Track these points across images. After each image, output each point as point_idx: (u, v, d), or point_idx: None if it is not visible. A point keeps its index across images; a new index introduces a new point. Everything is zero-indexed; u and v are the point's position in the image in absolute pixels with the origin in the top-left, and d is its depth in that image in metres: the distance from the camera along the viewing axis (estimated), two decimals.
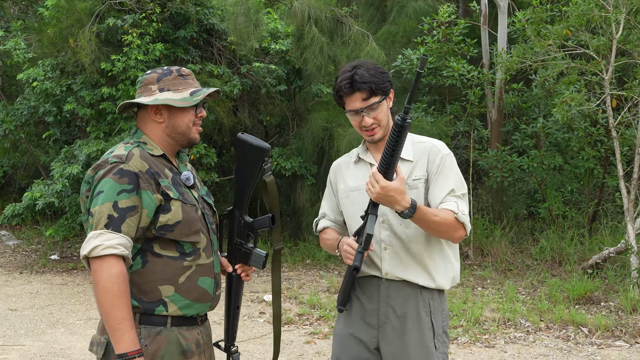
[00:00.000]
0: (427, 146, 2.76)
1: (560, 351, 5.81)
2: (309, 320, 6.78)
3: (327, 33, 9.16)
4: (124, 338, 2.21)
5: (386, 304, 2.71)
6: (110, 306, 2.22)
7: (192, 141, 2.49)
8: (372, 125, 2.68)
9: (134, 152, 2.36)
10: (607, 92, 7.65)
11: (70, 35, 8.63)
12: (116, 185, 2.27)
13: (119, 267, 2.22)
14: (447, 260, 2.76)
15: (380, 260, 2.71)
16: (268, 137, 11.31)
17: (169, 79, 2.43)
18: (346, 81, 2.66)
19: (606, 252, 7.98)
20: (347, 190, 2.81)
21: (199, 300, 2.42)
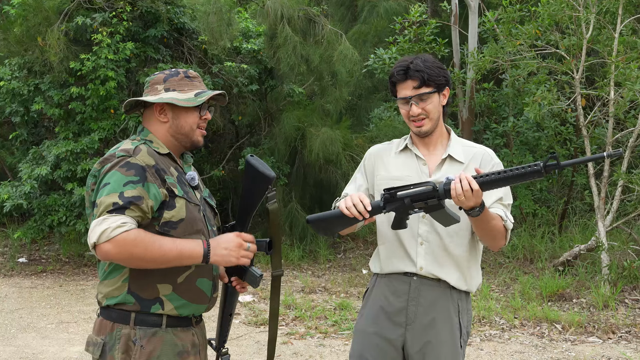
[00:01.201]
0: (479, 151, 2.77)
1: (536, 348, 5.86)
2: (285, 321, 6.75)
3: (300, 32, 9.13)
4: (189, 248, 2.27)
5: (416, 302, 2.69)
6: (157, 252, 2.23)
7: (195, 143, 2.49)
8: (420, 115, 2.67)
9: (141, 147, 2.36)
10: (577, 92, 7.75)
11: (38, 34, 8.47)
12: (123, 177, 2.26)
13: (134, 231, 2.20)
14: (478, 263, 2.79)
15: (416, 254, 2.70)
16: (239, 137, 11.24)
17: (175, 80, 2.45)
18: (401, 68, 2.67)
19: (577, 249, 8.08)
20: (388, 177, 2.77)
21: (195, 301, 2.41)
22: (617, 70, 7.38)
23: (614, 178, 7.74)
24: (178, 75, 2.47)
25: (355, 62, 9.09)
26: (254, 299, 7.59)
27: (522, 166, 2.41)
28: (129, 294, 2.32)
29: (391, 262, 2.75)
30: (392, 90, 2.75)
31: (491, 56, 8.37)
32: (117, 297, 2.33)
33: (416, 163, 2.77)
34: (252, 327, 6.56)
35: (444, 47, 9.84)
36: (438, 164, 2.75)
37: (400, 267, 2.72)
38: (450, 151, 2.75)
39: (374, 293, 2.81)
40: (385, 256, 2.78)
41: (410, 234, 2.70)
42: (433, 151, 2.79)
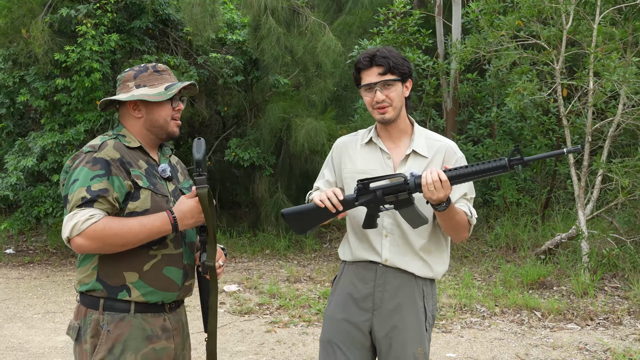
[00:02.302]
0: (443, 145, 2.81)
1: (515, 335, 5.97)
2: (269, 310, 6.83)
3: (283, 24, 9.18)
4: (156, 224, 2.37)
5: (382, 288, 2.76)
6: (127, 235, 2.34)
7: (171, 134, 2.58)
8: (384, 102, 2.71)
9: (107, 142, 2.46)
10: (558, 82, 7.84)
11: (22, 26, 8.49)
12: (90, 172, 2.37)
13: (102, 221, 2.32)
14: (442, 252, 2.84)
15: (381, 247, 2.76)
16: (225, 127, 11.30)
17: (145, 76, 2.54)
18: (366, 55, 2.73)
19: (558, 238, 8.18)
20: (354, 171, 2.82)
21: (163, 288, 2.47)
22: (596, 60, 7.48)
23: (593, 167, 7.85)
24: (147, 70, 2.55)
25: (338, 53, 9.15)
26: (239, 288, 7.66)
27: (487, 161, 2.51)
28: (97, 281, 2.42)
29: (358, 251, 2.81)
30: (357, 78, 2.79)
31: (473, 47, 8.44)
32: (87, 284, 2.44)
33: (381, 157, 2.82)
34: (237, 316, 6.64)
35: (427, 37, 9.91)
36: (402, 159, 2.79)
37: (366, 256, 2.79)
38: (414, 146, 2.79)
39: (342, 280, 2.87)
40: (353, 245, 2.84)
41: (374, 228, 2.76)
42: (398, 144, 2.83)
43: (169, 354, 2.51)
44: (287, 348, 5.66)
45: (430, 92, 9.89)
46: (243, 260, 9.24)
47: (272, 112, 9.71)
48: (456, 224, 2.67)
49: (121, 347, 2.40)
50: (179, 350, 2.58)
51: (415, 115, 10.38)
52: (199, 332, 6.04)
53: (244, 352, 5.58)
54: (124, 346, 2.40)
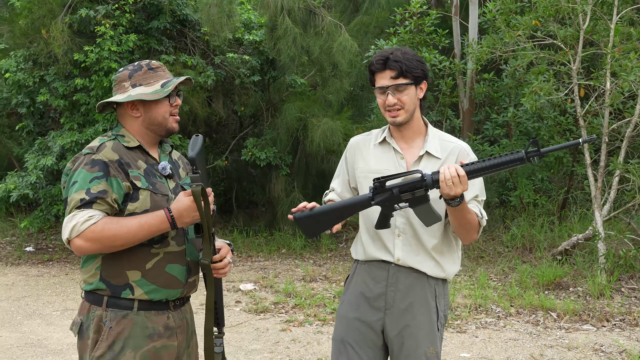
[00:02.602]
0: (456, 147, 2.82)
1: (530, 335, 5.97)
2: (285, 309, 6.87)
3: (300, 24, 9.22)
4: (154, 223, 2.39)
5: (394, 288, 2.78)
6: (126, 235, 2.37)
7: (170, 130, 2.60)
8: (396, 105, 2.72)
9: (106, 144, 2.50)
10: (575, 82, 7.81)
11: (42, 26, 8.59)
12: (88, 174, 2.40)
13: (101, 222, 2.35)
14: (454, 252, 2.85)
15: (394, 246, 2.78)
16: (242, 127, 11.36)
17: (139, 75, 2.55)
18: (380, 58, 2.73)
19: (575, 238, 8.15)
20: (367, 170, 2.84)
21: (166, 286, 2.50)
22: (613, 61, 7.44)
23: (610, 168, 7.81)
24: (142, 69, 2.56)
25: (354, 53, 9.18)
26: (255, 287, 7.71)
27: (505, 154, 2.50)
28: (100, 281, 2.45)
29: (370, 250, 2.83)
30: (371, 80, 2.79)
31: (489, 47, 8.43)
32: (91, 283, 2.47)
33: (394, 157, 2.83)
34: (252, 315, 6.69)
35: (444, 37, 9.91)
36: (415, 160, 2.80)
37: (379, 256, 2.81)
38: (427, 147, 2.80)
39: (355, 279, 2.89)
40: (365, 245, 2.85)
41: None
42: (411, 144, 2.84)
43: (170, 352, 2.52)
44: (302, 347, 5.70)
45: (446, 92, 9.89)
46: (259, 260, 9.30)
47: (289, 112, 9.75)
48: (467, 223, 2.68)
49: (121, 344, 2.43)
50: (182, 349, 2.59)
51: (431, 115, 10.38)
52: None
53: (259, 350, 5.63)
54: (124, 343, 2.43)
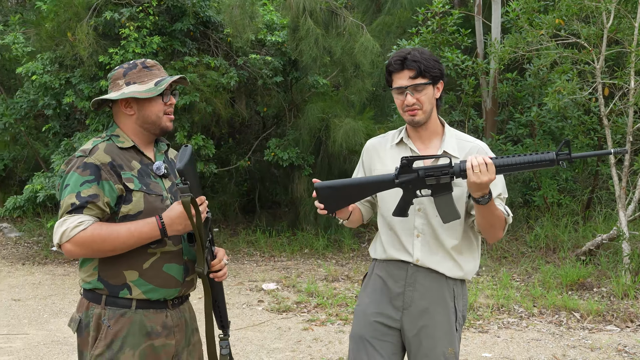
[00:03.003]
0: (474, 146, 2.83)
1: (552, 336, 5.94)
2: (307, 308, 6.91)
3: (322, 25, 9.24)
4: (144, 230, 2.41)
5: (412, 288, 2.79)
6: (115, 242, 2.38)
7: (164, 129, 2.61)
8: (414, 106, 2.72)
9: (99, 146, 2.51)
10: (598, 81, 7.76)
11: (68, 29, 8.71)
12: (80, 177, 2.42)
13: (91, 228, 2.37)
14: (473, 252, 2.86)
15: (412, 247, 2.78)
16: (265, 128, 11.42)
17: (134, 73, 2.56)
18: (398, 58, 2.73)
19: (599, 238, 8.09)
20: (384, 171, 2.83)
21: (164, 285, 2.52)
22: (638, 59, 7.38)
23: (635, 168, 7.75)
24: (136, 67, 2.58)
25: (376, 53, 9.18)
26: (277, 287, 7.76)
27: (535, 153, 2.50)
28: (99, 281, 2.47)
29: (390, 250, 2.83)
30: (388, 80, 2.80)
31: (511, 46, 8.39)
32: (89, 283, 2.50)
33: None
34: (275, 314, 6.73)
35: (467, 37, 9.88)
36: (433, 161, 2.79)
37: (398, 256, 2.82)
38: (445, 147, 2.81)
39: (373, 278, 2.90)
40: (385, 244, 2.86)
41: (406, 226, 2.79)
42: (428, 145, 2.85)
43: (168, 350, 2.54)
44: (323, 346, 5.73)
45: (469, 92, 9.86)
46: (282, 259, 9.34)
47: (311, 113, 9.78)
48: (496, 221, 2.68)
49: (120, 343, 2.45)
50: (180, 347, 2.60)
51: (454, 115, 10.36)
52: (239, 329, 6.15)
53: (281, 349, 5.67)
54: (122, 342, 2.45)
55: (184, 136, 8.94)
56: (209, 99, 9.06)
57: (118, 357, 2.44)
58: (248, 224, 11.22)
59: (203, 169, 9.36)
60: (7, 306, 7.04)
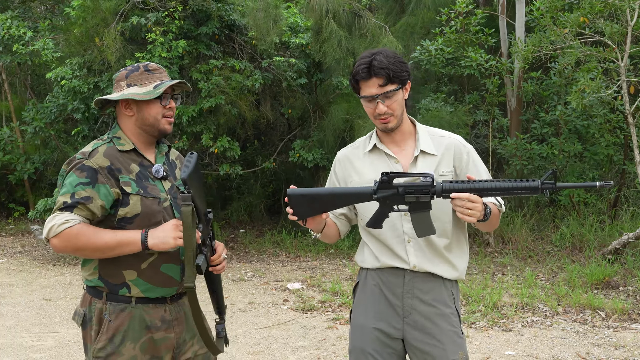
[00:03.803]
0: (450, 141, 2.75)
1: (577, 334, 5.94)
2: (331, 307, 6.98)
3: (345, 26, 9.31)
4: (128, 238, 2.46)
5: (411, 294, 2.70)
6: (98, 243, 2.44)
7: (162, 132, 2.68)
8: (386, 113, 2.63)
9: (99, 149, 2.59)
10: (623, 79, 7.72)
11: (96, 34, 8.89)
12: (76, 179, 2.50)
13: (77, 226, 2.44)
14: (463, 250, 2.80)
15: (406, 253, 2.69)
16: (290, 129, 11.51)
17: (135, 75, 2.64)
18: (364, 66, 2.62)
19: (625, 237, 8.05)
20: (362, 181, 2.73)
21: (162, 284, 2.60)
22: None
23: None
24: (138, 70, 2.65)
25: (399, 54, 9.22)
26: (302, 286, 7.84)
27: (520, 179, 2.48)
28: (99, 280, 2.57)
29: (383, 258, 2.74)
30: (355, 88, 2.71)
31: (534, 45, 8.38)
32: (91, 280, 2.60)
33: (387, 162, 2.74)
34: (300, 313, 6.81)
35: (490, 36, 9.88)
36: (412, 162, 2.72)
37: (393, 263, 2.72)
38: (421, 146, 2.72)
39: (367, 288, 2.80)
40: (375, 252, 2.76)
41: (396, 232, 2.70)
42: (403, 147, 2.76)
43: (167, 344, 2.62)
44: (347, 344, 5.77)
45: (493, 92, 9.86)
46: (307, 260, 9.42)
47: (335, 114, 9.85)
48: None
49: (121, 337, 2.54)
50: (181, 339, 2.67)
51: (478, 114, 10.35)
52: (264, 327, 6.23)
53: (306, 347, 5.74)
54: (123, 336, 2.54)
55: (210, 138, 9.07)
56: (234, 101, 9.17)
57: (120, 350, 2.54)
58: (274, 224, 11.32)
59: (229, 170, 9.47)
60: (39, 306, 7.21)
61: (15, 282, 8.36)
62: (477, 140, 10.62)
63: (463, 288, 7.21)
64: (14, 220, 12.73)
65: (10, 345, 5.85)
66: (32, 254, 10.15)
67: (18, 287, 8.06)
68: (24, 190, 12.87)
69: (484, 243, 9.50)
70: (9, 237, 11.53)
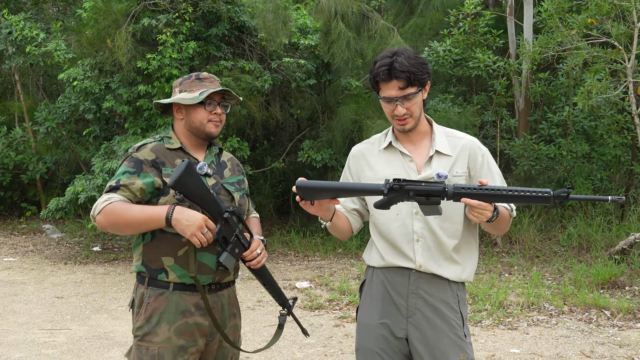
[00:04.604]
0: (466, 142, 2.74)
1: (582, 333, 5.99)
2: (339, 306, 7.05)
3: (353, 28, 9.39)
4: (154, 212, 2.65)
5: (416, 295, 2.68)
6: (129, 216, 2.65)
7: (209, 135, 2.88)
8: (405, 115, 2.63)
9: (147, 145, 2.85)
10: (629, 80, 7.76)
11: (107, 36, 9.00)
12: (124, 168, 2.78)
13: (115, 203, 2.67)
14: (473, 253, 2.78)
15: (414, 252, 2.68)
16: (299, 130, 11.60)
17: (187, 82, 2.90)
18: (385, 67, 2.58)
19: (632, 237, 8.08)
20: (376, 178, 2.72)
21: (197, 272, 2.76)
22: None
23: None
24: (190, 78, 2.90)
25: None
26: (310, 285, 7.91)
27: (533, 189, 2.44)
28: (142, 265, 2.81)
29: (389, 257, 2.73)
30: (375, 87, 2.69)
31: (541, 46, 8.43)
32: (137, 267, 2.84)
33: (402, 160, 2.74)
34: (307, 311, 6.89)
35: (499, 37, 9.93)
36: (426, 161, 2.72)
37: (399, 262, 2.71)
38: (436, 146, 2.72)
39: (373, 287, 2.79)
40: (382, 251, 2.76)
41: (405, 231, 2.69)
42: (419, 146, 2.76)
43: (202, 329, 2.78)
44: (354, 341, 5.84)
45: (501, 92, 9.91)
46: (315, 259, 9.50)
47: (344, 114, 9.93)
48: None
49: (157, 318, 2.74)
50: (214, 329, 2.82)
51: (486, 115, 10.41)
52: (272, 325, 6.28)
53: (313, 344, 5.82)
54: (159, 317, 2.74)
55: (220, 139, 9.16)
56: (244, 102, 9.26)
57: (155, 330, 2.74)
58: (283, 224, 11.41)
59: None
60: (51, 303, 7.32)
61: (28, 280, 8.48)
62: (485, 141, 10.67)
63: (470, 287, 7.27)
64: (26, 220, 12.88)
65: (23, 341, 5.95)
66: (43, 253, 10.27)
67: (30, 285, 8.18)
68: (36, 189, 13.02)
69: (491, 243, 9.55)
70: (21, 236, 11.67)
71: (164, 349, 2.72)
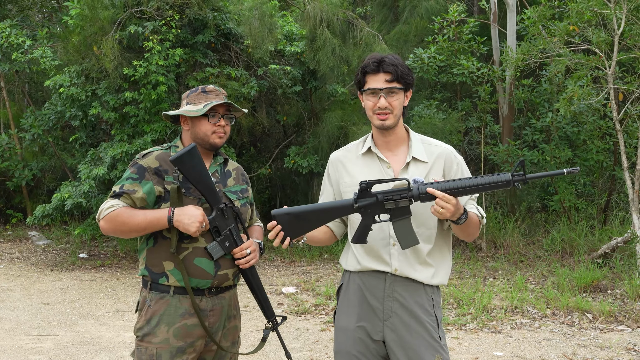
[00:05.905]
0: (442, 151, 2.82)
1: (564, 336, 6.07)
2: (325, 310, 7.11)
3: (339, 35, 9.47)
4: (156, 216, 2.80)
5: (392, 298, 2.74)
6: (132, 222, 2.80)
7: (213, 145, 3.00)
8: (387, 109, 2.70)
9: (153, 153, 2.98)
10: (610, 86, 7.88)
11: (94, 43, 9.02)
12: (129, 173, 2.93)
13: (119, 209, 2.83)
14: (446, 257, 2.84)
15: (390, 256, 2.74)
16: (286, 136, 11.65)
17: (194, 95, 3.02)
18: (374, 60, 2.73)
19: (614, 242, 8.19)
20: (354, 184, 2.76)
21: (196, 276, 2.90)
22: None
23: None
24: (197, 91, 3.02)
25: None
26: (297, 290, 7.96)
27: (492, 174, 2.57)
28: (145, 269, 2.96)
29: (365, 261, 2.78)
30: (361, 81, 2.78)
31: (524, 53, 8.54)
32: (141, 270, 2.97)
33: (379, 166, 2.81)
34: (294, 316, 6.94)
35: (483, 44, 10.04)
36: (403, 167, 2.79)
37: (375, 266, 2.77)
38: (413, 153, 2.80)
39: (350, 291, 2.84)
40: (359, 255, 2.80)
41: (381, 235, 2.75)
42: (396, 152, 2.83)
43: (200, 331, 2.91)
44: None
45: (485, 99, 10.01)
46: (302, 264, 9.55)
47: (330, 121, 10.00)
48: (473, 229, 2.75)
49: (157, 320, 2.88)
50: (213, 329, 2.95)
51: (470, 121, 10.51)
52: (258, 330, 6.33)
53: (299, 348, 5.87)
54: (159, 319, 2.88)
55: None
56: None
57: (155, 331, 2.88)
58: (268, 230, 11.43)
59: None
60: (37, 309, 7.32)
61: (14, 286, 8.48)
62: (470, 147, 10.78)
63: (454, 291, 7.36)
64: (12, 227, 12.85)
65: (9, 347, 5.97)
66: (30, 260, 10.26)
67: (17, 292, 8.18)
68: (22, 196, 12.99)
69: (476, 248, 9.64)
70: (7, 243, 11.65)
71: (161, 349, 2.85)
